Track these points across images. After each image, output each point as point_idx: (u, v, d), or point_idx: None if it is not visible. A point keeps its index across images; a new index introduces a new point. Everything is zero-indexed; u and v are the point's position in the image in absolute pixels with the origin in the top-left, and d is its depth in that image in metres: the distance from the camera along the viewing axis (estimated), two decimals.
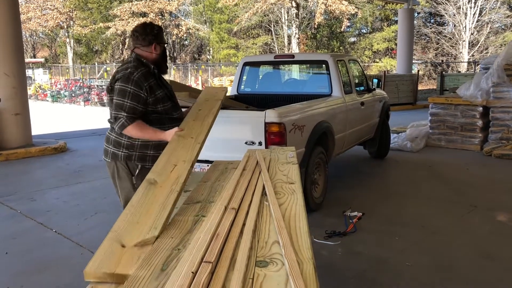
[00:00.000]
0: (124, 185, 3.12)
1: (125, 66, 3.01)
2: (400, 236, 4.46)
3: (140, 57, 3.05)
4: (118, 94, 2.92)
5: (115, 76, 3.00)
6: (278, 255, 1.63)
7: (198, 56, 42.69)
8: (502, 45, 28.77)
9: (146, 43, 3.04)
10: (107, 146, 3.15)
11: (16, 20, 8.95)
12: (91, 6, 37.52)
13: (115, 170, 3.12)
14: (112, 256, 1.69)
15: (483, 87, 8.72)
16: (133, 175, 3.08)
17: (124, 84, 2.91)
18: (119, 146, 3.07)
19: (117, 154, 3.07)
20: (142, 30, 3.06)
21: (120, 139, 3.06)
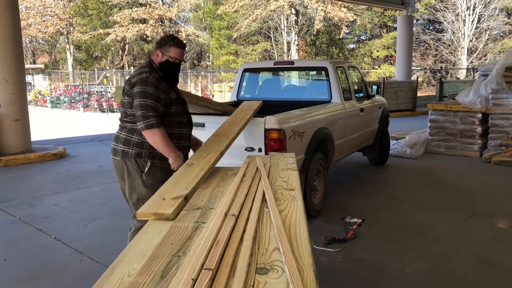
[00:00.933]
0: (135, 182, 3.21)
1: (140, 71, 3.18)
2: (400, 243, 4.45)
3: (152, 63, 3.25)
4: (140, 96, 3.05)
5: (131, 80, 3.14)
6: (279, 262, 1.63)
7: (198, 62, 42.77)
8: (500, 52, 28.86)
9: (154, 48, 3.30)
10: (116, 145, 3.26)
11: (16, 26, 8.97)
12: (91, 13, 37.64)
13: (124, 168, 3.21)
14: (156, 204, 2.37)
15: (482, 93, 8.74)
16: (142, 172, 3.18)
17: (143, 87, 3.06)
18: (129, 144, 3.19)
19: (127, 151, 3.18)
20: (160, 37, 3.34)
21: (131, 137, 3.18)
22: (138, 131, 3.13)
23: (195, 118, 4.76)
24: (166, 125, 3.14)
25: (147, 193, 3.07)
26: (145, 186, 3.18)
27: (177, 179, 2.78)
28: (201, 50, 41.75)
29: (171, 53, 3.22)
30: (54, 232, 4.89)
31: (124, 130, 3.23)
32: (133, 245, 1.95)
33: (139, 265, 1.70)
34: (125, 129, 3.23)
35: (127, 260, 1.78)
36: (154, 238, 2.00)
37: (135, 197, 3.23)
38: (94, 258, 4.16)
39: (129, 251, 1.87)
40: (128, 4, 36.56)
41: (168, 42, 3.22)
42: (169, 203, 2.37)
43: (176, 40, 3.26)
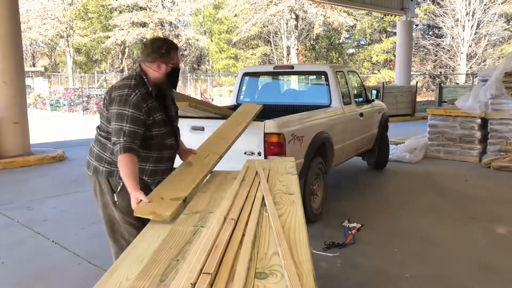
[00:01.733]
0: (105, 200, 2.95)
1: (123, 84, 2.78)
2: (399, 248, 4.44)
3: (143, 75, 2.83)
4: (116, 119, 2.68)
5: (111, 94, 2.75)
6: (278, 267, 1.62)
7: (198, 66, 42.83)
8: (499, 58, 28.93)
9: (150, 60, 2.81)
10: (90, 158, 3.02)
11: (17, 29, 8.97)
12: (91, 16, 37.69)
13: (96, 184, 2.99)
14: (154, 203, 2.42)
15: (481, 99, 8.75)
16: (114, 192, 2.89)
17: (121, 108, 2.68)
18: (101, 161, 2.91)
19: (98, 168, 2.92)
20: (149, 44, 2.85)
21: (103, 153, 2.90)
22: (109, 148, 2.84)
23: (195, 121, 4.78)
24: (143, 147, 2.80)
25: (118, 215, 2.90)
26: (115, 207, 2.90)
27: (175, 179, 2.80)
28: (200, 54, 41.82)
29: (175, 60, 2.87)
30: (53, 236, 4.87)
31: (98, 144, 2.94)
32: (131, 249, 1.94)
33: (137, 269, 1.70)
34: (98, 143, 2.94)
35: (126, 264, 1.77)
36: (153, 242, 1.99)
37: (106, 217, 2.99)
38: (93, 262, 4.15)
39: (127, 255, 1.87)
40: (128, 7, 36.64)
41: (170, 50, 2.83)
42: (168, 204, 2.39)
43: (174, 44, 2.91)
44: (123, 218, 2.89)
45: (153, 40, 2.89)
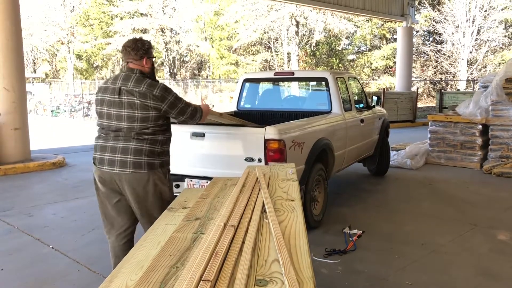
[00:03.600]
0: (162, 190, 3.26)
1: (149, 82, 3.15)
2: (400, 254, 4.42)
3: (143, 72, 3.23)
4: (178, 100, 3.23)
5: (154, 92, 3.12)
6: (278, 274, 1.61)
7: (198, 72, 42.91)
8: (500, 64, 28.97)
9: (138, 57, 3.21)
10: (138, 159, 3.15)
11: (18, 35, 9.00)
12: (93, 22, 37.85)
13: (150, 179, 3.17)
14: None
15: (482, 105, 8.75)
16: (166, 178, 3.31)
17: (172, 93, 3.22)
18: (153, 155, 3.19)
19: (152, 163, 3.18)
20: (133, 45, 3.22)
21: (154, 147, 3.20)
22: (160, 141, 3.23)
23: (195, 128, 4.77)
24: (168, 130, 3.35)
25: (171, 196, 3.34)
26: (170, 191, 3.36)
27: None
28: (201, 60, 41.91)
29: (152, 54, 3.38)
30: (52, 242, 4.86)
31: (145, 142, 3.17)
32: (131, 256, 1.93)
33: (137, 276, 1.69)
34: (146, 141, 3.17)
35: (125, 271, 1.76)
36: (153, 249, 1.98)
37: (161, 203, 3.23)
38: (92, 269, 4.13)
39: (127, 262, 1.86)
40: (129, 14, 36.78)
41: (150, 45, 3.32)
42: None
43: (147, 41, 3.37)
44: (172, 197, 3.32)
45: (134, 41, 3.28)
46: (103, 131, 3.27)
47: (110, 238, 3.42)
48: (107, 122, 3.21)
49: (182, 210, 2.65)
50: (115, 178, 3.19)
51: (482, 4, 29.75)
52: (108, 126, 3.22)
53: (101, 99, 3.26)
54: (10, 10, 8.78)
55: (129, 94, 3.12)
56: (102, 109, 3.24)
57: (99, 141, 3.28)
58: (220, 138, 4.76)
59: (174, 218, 2.51)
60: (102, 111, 3.24)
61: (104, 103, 3.23)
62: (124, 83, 3.16)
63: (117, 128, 3.18)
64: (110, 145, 3.19)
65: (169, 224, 2.40)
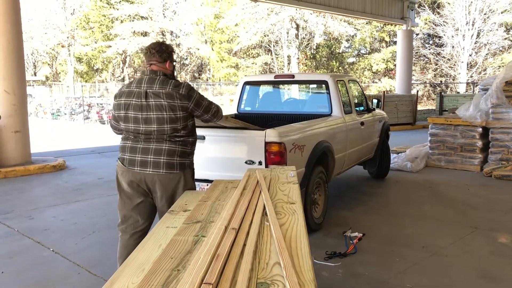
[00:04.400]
0: (189, 188, 3.33)
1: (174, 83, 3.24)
2: (401, 257, 4.42)
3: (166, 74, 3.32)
4: (202, 99, 3.33)
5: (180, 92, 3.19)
6: (279, 277, 1.61)
7: (199, 75, 42.94)
8: (500, 67, 28.99)
9: (162, 59, 3.30)
10: (171, 159, 3.24)
11: (18, 38, 9.01)
12: (93, 25, 37.90)
13: (181, 179, 3.27)
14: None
15: (482, 108, 8.75)
16: (192, 177, 3.42)
17: (195, 92, 3.31)
18: (185, 156, 3.31)
19: (183, 163, 3.29)
20: (158, 47, 3.33)
21: (186, 148, 3.32)
22: (191, 142, 3.36)
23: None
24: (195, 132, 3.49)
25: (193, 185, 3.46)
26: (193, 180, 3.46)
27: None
28: (201, 63, 41.95)
29: (174, 59, 3.49)
30: (53, 245, 4.86)
31: (178, 143, 3.26)
32: (132, 259, 1.93)
33: (138, 279, 1.68)
34: (178, 142, 3.26)
35: (126, 274, 1.76)
36: (154, 251, 1.98)
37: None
38: (93, 272, 4.13)
39: (128, 265, 1.85)
40: (130, 17, 36.83)
41: (172, 50, 3.42)
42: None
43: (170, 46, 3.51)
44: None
45: (159, 44, 3.39)
46: (131, 134, 3.29)
47: (124, 236, 3.44)
48: (135, 126, 3.23)
49: (183, 213, 2.65)
50: (146, 179, 3.24)
51: (482, 7, 29.80)
52: (136, 129, 3.24)
53: (126, 103, 3.25)
54: (11, 13, 8.79)
55: (156, 96, 3.17)
56: (128, 113, 3.24)
57: (128, 142, 3.31)
58: (220, 141, 4.77)
59: (175, 221, 2.51)
60: (128, 116, 3.25)
61: (130, 107, 3.23)
62: (150, 85, 3.21)
63: (146, 132, 3.22)
64: (142, 146, 3.24)
65: (170, 227, 2.40)
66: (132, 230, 3.42)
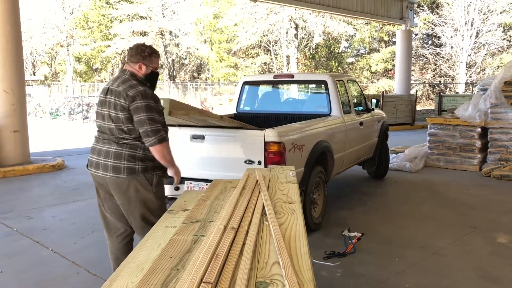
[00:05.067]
0: (146, 197, 3.15)
1: (131, 84, 3.09)
2: (400, 257, 4.42)
3: (135, 75, 3.19)
4: (145, 110, 3.02)
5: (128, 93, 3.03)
6: (279, 276, 1.61)
7: (198, 75, 42.93)
8: (499, 67, 29.02)
9: (135, 60, 3.20)
10: (117, 162, 3.11)
11: (17, 38, 9.00)
12: (92, 25, 37.86)
13: (130, 185, 3.11)
14: None
15: (481, 108, 8.76)
16: (152, 185, 3.16)
17: (146, 100, 3.03)
18: (134, 160, 3.11)
19: (134, 168, 3.10)
20: (134, 47, 3.26)
21: (135, 152, 3.12)
22: (141, 146, 3.11)
23: (195, 130, 4.77)
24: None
25: (158, 204, 3.20)
26: (156, 198, 3.19)
27: None
28: (201, 63, 41.95)
29: (155, 64, 3.26)
30: (52, 245, 4.85)
31: (125, 146, 3.12)
32: (131, 258, 1.93)
33: (137, 279, 1.69)
34: (126, 145, 3.12)
35: (125, 273, 1.76)
36: (153, 251, 1.98)
37: (142, 213, 3.17)
38: (92, 271, 4.13)
39: (127, 265, 1.85)
40: (129, 17, 36.80)
41: (152, 54, 3.24)
42: None
43: (156, 51, 3.31)
44: (160, 205, 3.22)
45: (139, 44, 3.27)
46: (98, 132, 3.31)
47: (109, 240, 3.44)
48: (99, 122, 3.27)
49: (182, 213, 2.65)
50: (103, 181, 3.24)
51: (481, 7, 29.83)
52: (99, 126, 3.28)
53: (99, 99, 3.31)
54: (10, 13, 8.78)
55: (111, 93, 3.15)
56: (97, 109, 3.30)
57: (93, 142, 3.34)
58: (219, 141, 4.77)
59: (174, 220, 2.51)
60: (97, 111, 3.30)
61: (99, 102, 3.28)
62: (113, 82, 3.20)
63: (103, 129, 3.22)
64: (98, 147, 3.24)
65: (169, 227, 2.40)
66: (114, 234, 3.41)
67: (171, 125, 4.65)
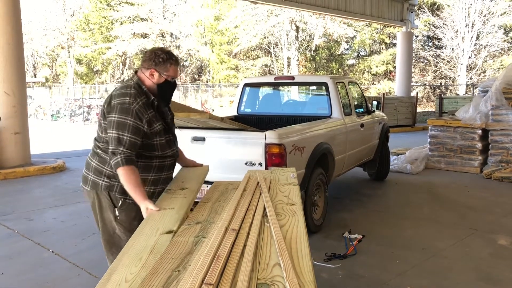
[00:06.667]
0: (105, 216, 2.83)
1: (124, 92, 2.69)
2: (401, 259, 4.42)
3: (141, 83, 2.77)
4: (117, 128, 2.60)
5: (111, 102, 2.68)
6: (280, 278, 1.61)
7: (198, 76, 42.95)
8: (499, 69, 29.03)
9: (146, 66, 2.77)
10: (86, 172, 2.88)
11: (18, 40, 9.02)
12: (93, 27, 37.92)
13: (95, 199, 2.84)
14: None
15: (482, 110, 8.76)
16: (115, 207, 2.78)
17: (123, 116, 2.61)
18: (100, 175, 2.79)
19: (97, 183, 2.79)
20: (149, 51, 2.83)
21: (102, 167, 2.79)
22: (109, 162, 2.70)
23: (196, 132, 4.78)
24: (144, 157, 2.77)
25: (119, 230, 2.81)
26: (117, 222, 2.80)
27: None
28: (201, 64, 41.96)
29: (171, 72, 2.78)
30: (53, 246, 4.86)
31: (96, 157, 2.83)
32: (129, 246, 1.93)
33: (136, 269, 1.71)
34: (96, 156, 2.83)
35: (124, 263, 1.77)
36: (152, 237, 2.00)
37: (106, 233, 2.87)
38: (93, 273, 4.13)
39: (125, 254, 1.86)
40: (130, 19, 36.85)
41: (168, 60, 2.76)
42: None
43: (174, 57, 2.81)
44: (125, 233, 2.79)
45: (155, 49, 2.85)
46: None
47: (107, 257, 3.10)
48: None
49: (180, 192, 2.64)
50: None
51: (481, 9, 29.84)
52: None
53: None
54: (11, 15, 8.81)
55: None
56: None
57: None
58: (220, 142, 4.77)
59: (172, 201, 2.51)
60: None
61: None
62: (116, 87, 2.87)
63: None
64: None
65: (168, 208, 2.39)
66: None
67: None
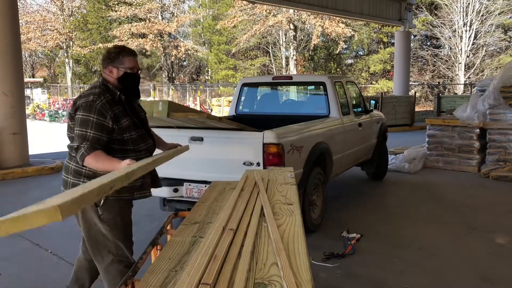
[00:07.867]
0: (88, 216, 2.87)
1: (89, 92, 2.81)
2: (399, 258, 4.43)
3: (106, 82, 2.88)
4: (80, 125, 2.70)
5: (76, 102, 2.79)
6: (277, 277, 1.62)
7: (197, 76, 42.93)
8: (497, 68, 29.07)
9: (105, 65, 2.89)
10: (66, 176, 2.96)
11: (16, 40, 9.01)
12: (91, 27, 37.89)
13: None
14: None
15: (479, 109, 8.77)
16: (97, 206, 2.82)
17: (86, 114, 2.71)
18: (80, 176, 2.86)
19: (77, 184, 2.82)
20: (105, 51, 2.96)
21: (81, 168, 2.84)
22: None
23: (194, 132, 4.78)
24: (118, 152, 2.82)
25: (104, 228, 2.84)
26: (100, 221, 2.84)
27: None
28: (200, 64, 41.96)
29: (127, 64, 2.87)
30: (51, 247, 4.85)
31: (74, 159, 2.86)
32: None
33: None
34: (74, 158, 2.85)
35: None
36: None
37: (89, 234, 2.89)
38: None
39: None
40: (128, 19, 36.83)
41: (119, 54, 2.87)
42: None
43: (126, 49, 2.93)
44: (110, 231, 2.84)
45: (109, 48, 3.00)
46: None
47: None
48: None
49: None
50: None
51: (479, 8, 29.89)
52: None
53: None
54: (9, 14, 8.79)
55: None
56: None
57: None
58: (218, 142, 4.77)
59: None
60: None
61: None
62: None
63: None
64: None
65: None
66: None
67: (169, 127, 4.66)
